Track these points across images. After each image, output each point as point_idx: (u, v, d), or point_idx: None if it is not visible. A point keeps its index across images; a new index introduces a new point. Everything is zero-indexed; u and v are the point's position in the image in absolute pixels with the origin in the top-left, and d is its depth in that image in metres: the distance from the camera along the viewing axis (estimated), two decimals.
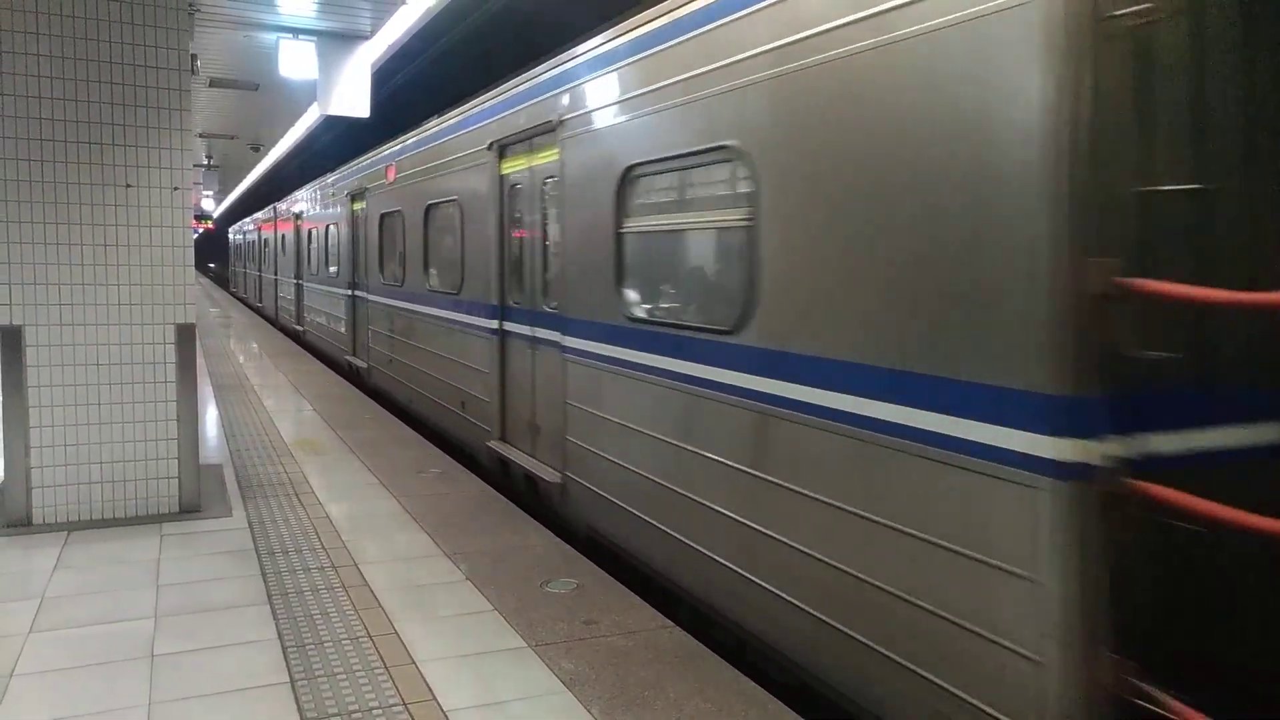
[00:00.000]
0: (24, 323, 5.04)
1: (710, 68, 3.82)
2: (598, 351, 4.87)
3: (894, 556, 2.82)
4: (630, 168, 4.52)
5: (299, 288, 17.06)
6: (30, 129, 5.01)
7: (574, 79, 5.18)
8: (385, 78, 13.90)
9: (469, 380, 7.17)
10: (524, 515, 5.55)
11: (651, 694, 3.28)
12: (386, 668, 3.45)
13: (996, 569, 2.42)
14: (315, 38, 7.63)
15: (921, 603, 2.70)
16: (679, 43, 4.10)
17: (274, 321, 20.80)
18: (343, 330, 12.56)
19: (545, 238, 5.83)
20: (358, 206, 11.56)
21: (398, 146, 9.60)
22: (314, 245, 15.28)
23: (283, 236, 19.30)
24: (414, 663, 3.49)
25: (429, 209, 8.21)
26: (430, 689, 3.28)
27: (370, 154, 11.11)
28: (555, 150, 5.43)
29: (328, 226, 13.73)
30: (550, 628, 3.84)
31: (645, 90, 4.39)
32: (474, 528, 5.25)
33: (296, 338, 16.88)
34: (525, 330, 6.12)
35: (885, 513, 2.87)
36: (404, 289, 9.18)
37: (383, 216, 10.02)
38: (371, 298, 10.75)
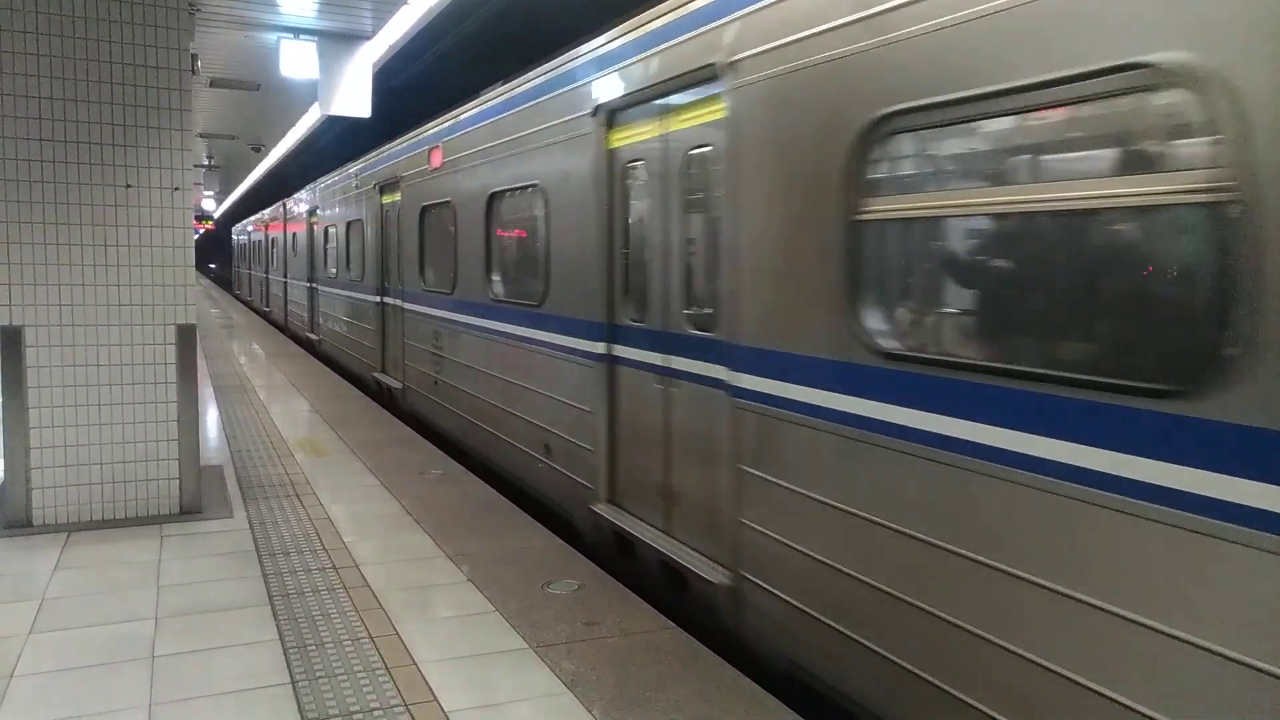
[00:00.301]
0: (24, 323, 5.03)
1: None
2: (809, 401, 3.27)
3: None
4: (888, 117, 2.88)
5: (312, 292, 15.54)
6: (30, 129, 5.00)
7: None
8: (387, 78, 13.88)
9: (557, 418, 5.52)
10: (526, 516, 5.54)
11: (653, 695, 3.27)
12: (388, 669, 3.44)
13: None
14: (316, 38, 7.63)
15: None
16: None
17: (283, 328, 19.46)
18: (368, 343, 10.93)
19: (687, 232, 4.30)
20: (389, 199, 10.06)
21: (446, 124, 7.89)
22: (332, 245, 13.59)
23: (293, 236, 17.93)
24: (415, 664, 3.48)
25: (493, 199, 6.62)
26: (431, 690, 3.27)
27: (405, 137, 9.43)
28: (715, 107, 3.89)
29: (349, 224, 12.04)
30: (552, 629, 3.83)
31: None
32: (475, 529, 5.24)
33: (309, 347, 15.57)
34: (650, 359, 4.56)
35: None
36: (456, 298, 7.52)
37: (425, 210, 8.43)
38: (409, 307, 9.10)
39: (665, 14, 4.29)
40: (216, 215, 43.55)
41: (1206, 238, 2.11)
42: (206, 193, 27.07)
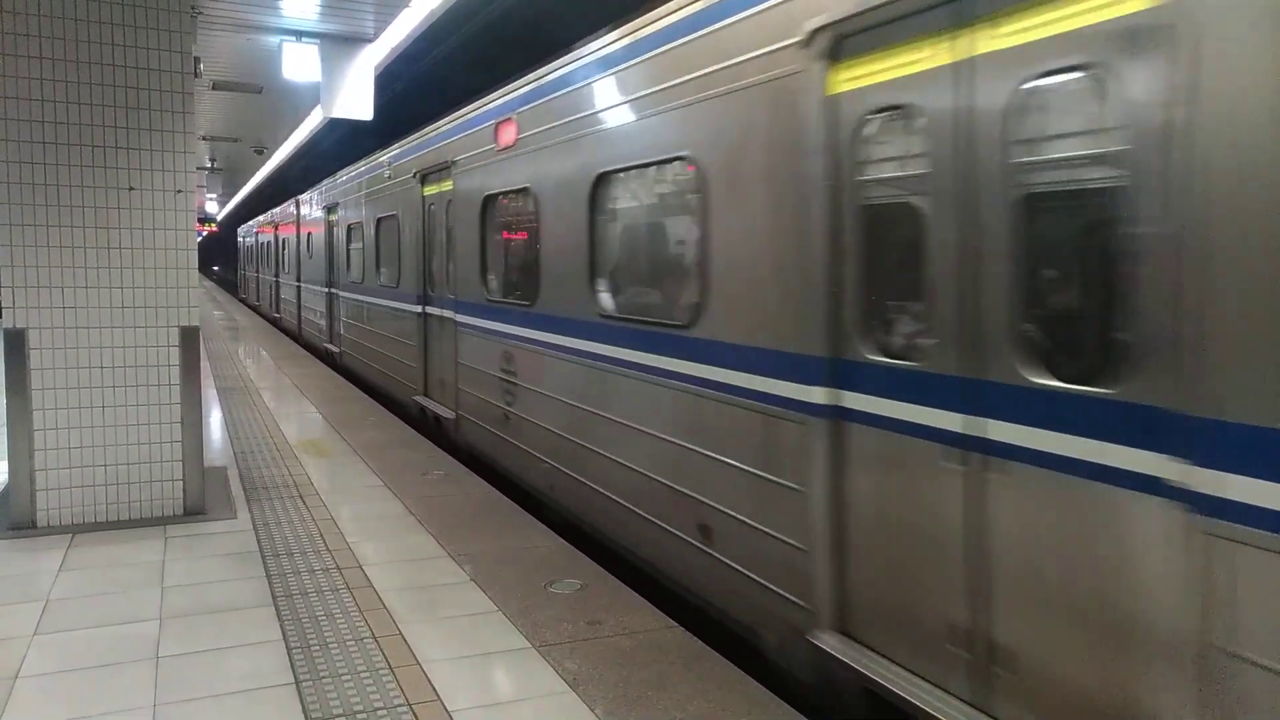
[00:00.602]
0: (28, 325, 5.05)
1: None
2: None
3: None
4: None
5: (331, 298, 13.86)
6: (33, 132, 5.02)
7: None
8: (389, 80, 13.92)
9: (723, 490, 3.88)
10: (528, 516, 5.54)
11: (654, 694, 3.27)
12: (391, 668, 3.44)
13: None
14: (318, 40, 7.65)
15: None
16: None
17: (295, 336, 17.79)
18: (407, 361, 9.26)
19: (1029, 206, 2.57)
20: (433, 190, 8.56)
21: (524, 89, 6.17)
22: (355, 245, 11.99)
23: (308, 237, 16.26)
24: (418, 663, 3.49)
25: (601, 182, 4.98)
26: (435, 689, 3.28)
27: (458, 114, 7.83)
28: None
29: (379, 220, 10.52)
30: (554, 628, 3.83)
31: None
32: (478, 529, 5.25)
33: (328, 359, 13.95)
34: (936, 420, 2.84)
35: None
36: (540, 311, 5.81)
37: (487, 200, 6.87)
38: (464, 320, 7.43)
39: None
40: (220, 217, 43.63)
41: None
42: (209, 195, 27.14)
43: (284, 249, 19.82)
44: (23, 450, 5.07)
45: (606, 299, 5.03)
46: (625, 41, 4.74)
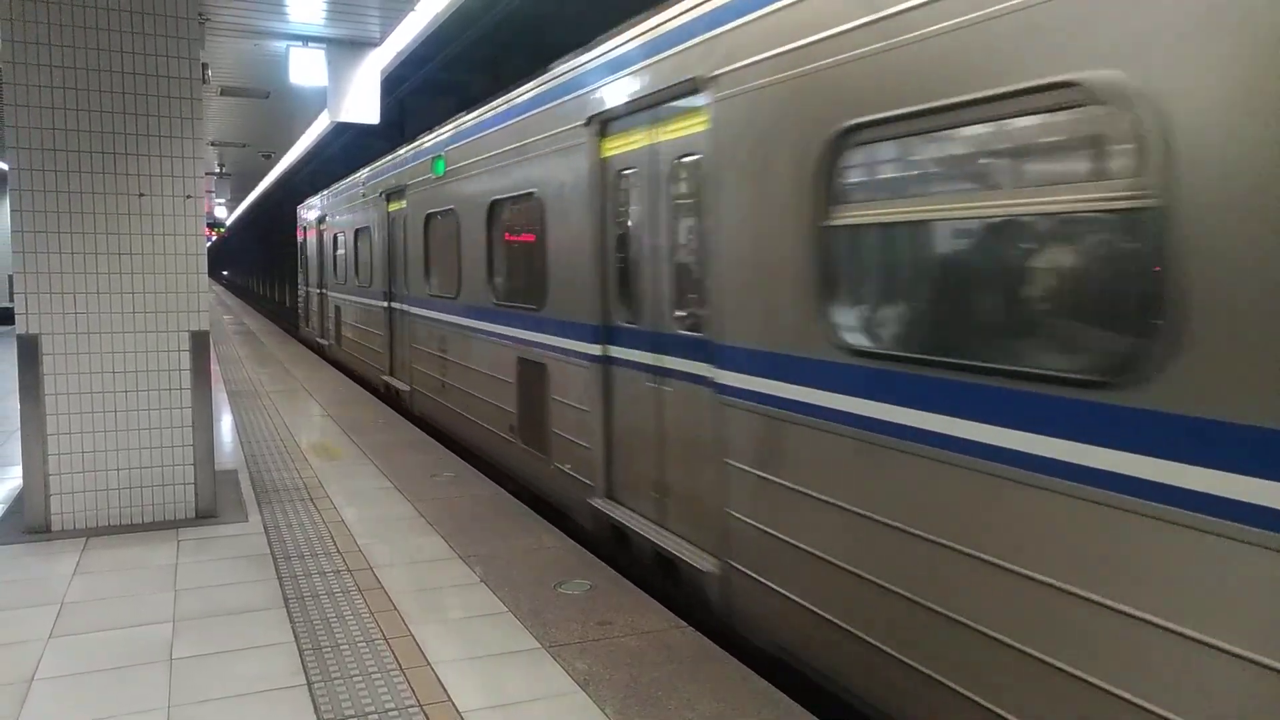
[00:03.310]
0: (40, 331, 5.10)
1: None
2: None
3: None
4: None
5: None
6: (44, 140, 5.07)
7: None
8: (394, 84, 13.97)
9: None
10: (537, 517, 5.56)
11: (665, 694, 3.28)
12: (402, 670, 3.46)
13: None
14: (325, 45, 7.69)
15: None
16: None
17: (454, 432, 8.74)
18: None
19: None
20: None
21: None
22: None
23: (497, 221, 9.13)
24: (429, 664, 3.51)
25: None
26: (446, 690, 3.30)
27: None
28: None
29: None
30: (564, 629, 3.85)
31: None
32: (488, 530, 5.27)
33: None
34: None
35: None
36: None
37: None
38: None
39: None
40: (229, 222, 43.81)
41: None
42: (218, 200, 27.30)
43: (444, 248, 12.13)
44: (37, 455, 5.12)
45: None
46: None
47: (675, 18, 4.22)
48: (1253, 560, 1.96)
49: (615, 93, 4.82)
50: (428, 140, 8.86)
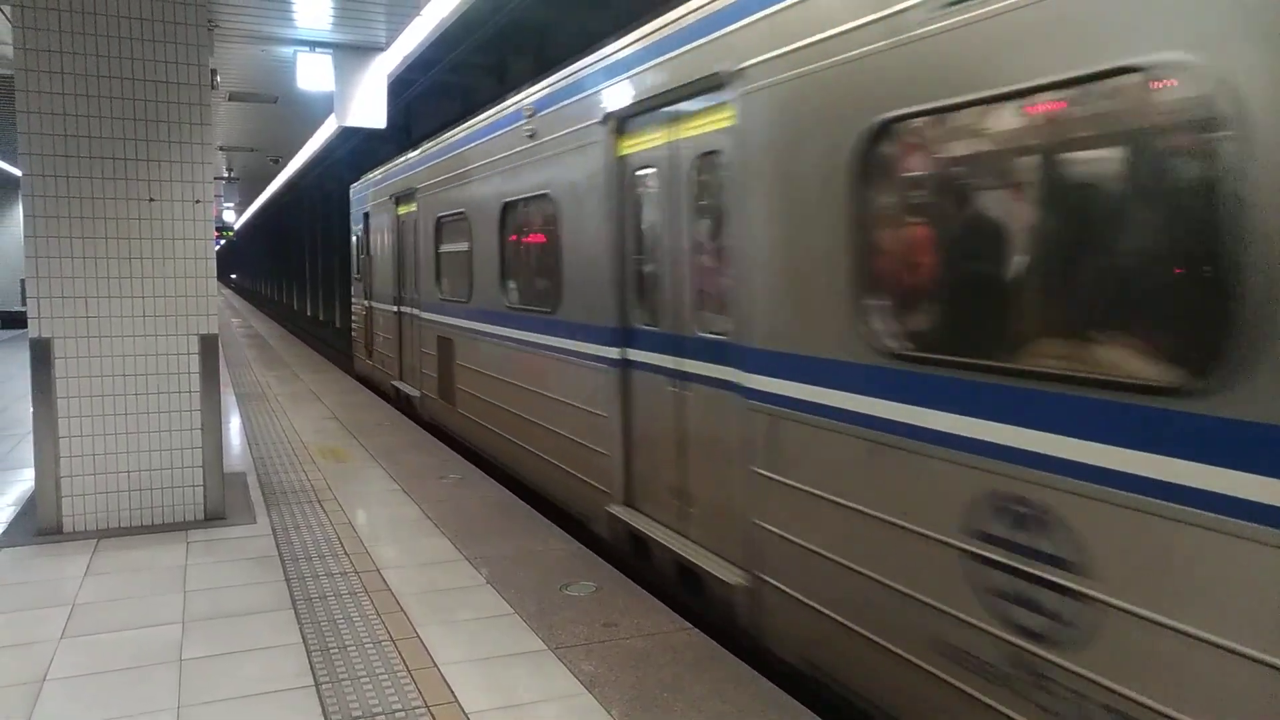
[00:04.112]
0: (53, 335, 5.15)
1: None
2: None
3: None
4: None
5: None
6: (57, 146, 5.13)
7: None
8: (401, 88, 14.03)
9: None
10: (543, 519, 5.58)
11: (670, 695, 3.30)
12: (409, 671, 3.49)
13: None
14: (332, 50, 7.75)
15: None
16: None
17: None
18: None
19: None
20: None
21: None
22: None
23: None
24: (436, 666, 3.54)
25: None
26: (452, 691, 3.32)
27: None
28: None
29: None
30: (570, 630, 3.87)
31: None
32: (494, 532, 5.29)
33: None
34: None
35: None
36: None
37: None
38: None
39: None
40: (238, 225, 44.04)
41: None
42: (227, 204, 27.47)
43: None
44: (49, 457, 5.17)
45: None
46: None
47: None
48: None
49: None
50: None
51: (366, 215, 12.37)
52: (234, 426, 8.66)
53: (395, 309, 10.63)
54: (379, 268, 11.65)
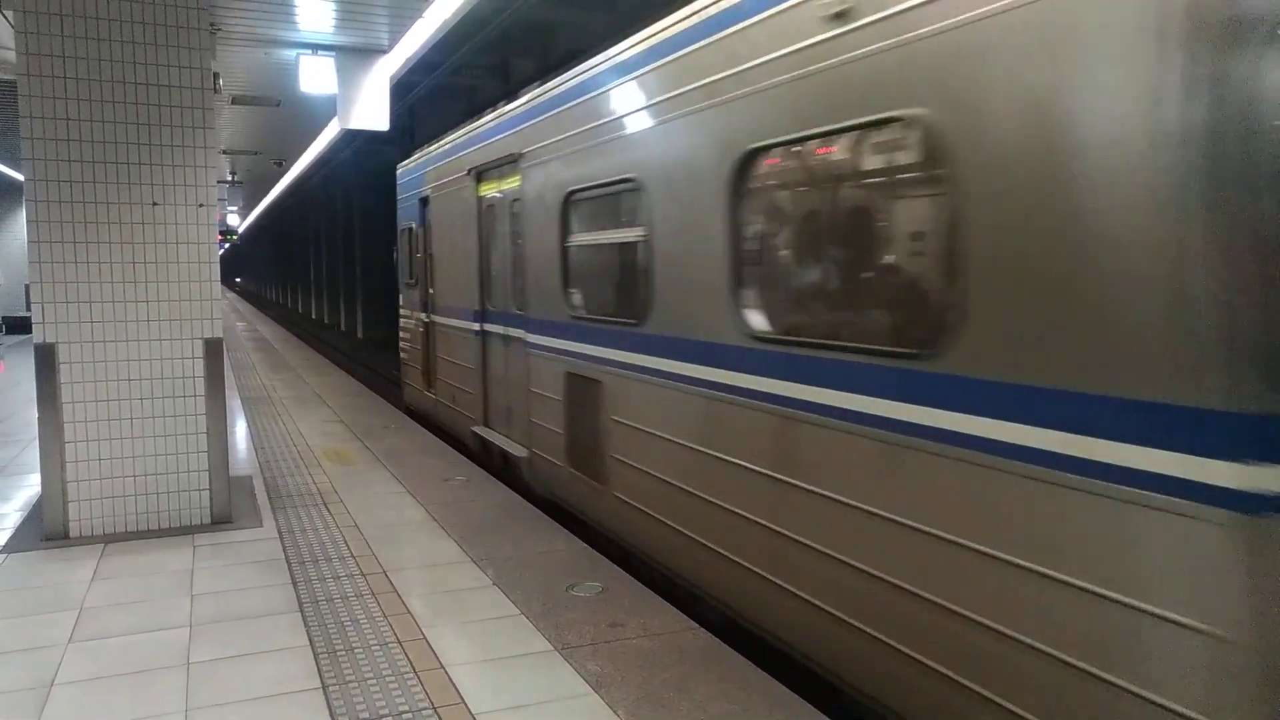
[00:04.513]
0: (57, 340, 5.16)
1: None
2: None
3: None
4: None
5: None
6: (60, 150, 5.13)
7: None
8: (404, 90, 14.05)
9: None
10: (550, 521, 5.58)
11: (676, 695, 3.29)
12: (416, 672, 3.49)
13: None
14: (334, 53, 7.76)
15: None
16: None
17: None
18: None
19: None
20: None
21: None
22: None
23: None
24: (443, 667, 3.53)
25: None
26: (459, 692, 3.32)
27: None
28: None
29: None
30: (576, 630, 3.86)
31: None
32: (500, 534, 5.29)
33: None
34: None
35: None
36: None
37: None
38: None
39: None
40: (241, 229, 44.09)
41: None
42: (231, 208, 27.54)
43: None
44: (55, 462, 5.18)
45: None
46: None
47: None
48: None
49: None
50: None
51: (424, 201, 9.30)
52: (239, 430, 8.68)
53: (476, 328, 7.62)
54: (446, 270, 8.68)
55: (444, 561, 4.80)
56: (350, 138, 14.56)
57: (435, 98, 16.20)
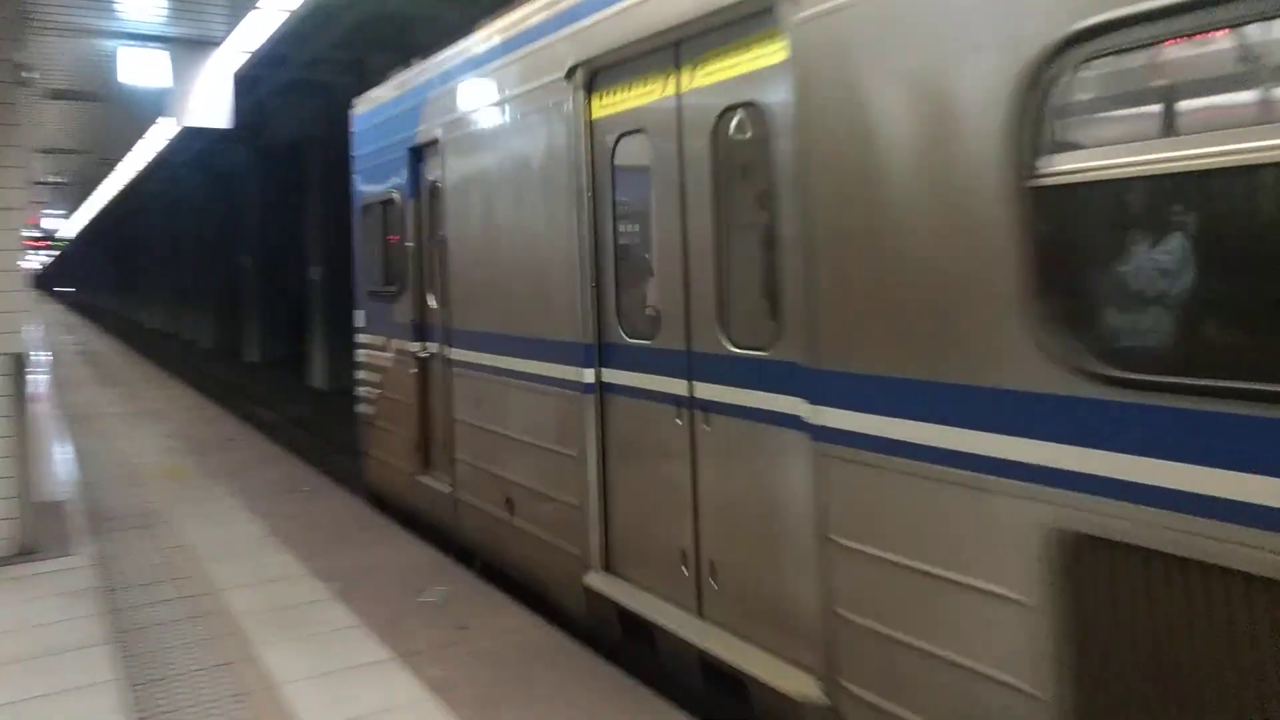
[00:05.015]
0: None
1: None
2: None
3: None
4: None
5: None
6: None
7: None
8: (250, 85, 13.31)
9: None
10: (399, 528, 5.45)
11: (521, 693, 3.29)
12: (244, 694, 3.32)
13: None
14: (168, 45, 7.30)
15: None
16: None
17: None
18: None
19: None
20: None
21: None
22: None
23: None
24: (273, 686, 3.38)
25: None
26: (290, 711, 3.19)
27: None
28: None
29: None
30: (421, 636, 3.80)
31: None
32: (346, 543, 5.12)
33: None
34: None
35: None
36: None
37: None
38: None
39: None
40: (74, 234, 40.49)
41: None
42: (54, 211, 25.21)
43: None
44: None
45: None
46: None
47: None
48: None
49: None
50: None
51: (418, 153, 5.54)
52: (59, 453, 7.96)
53: (585, 381, 3.93)
54: (484, 268, 4.83)
55: (282, 576, 4.60)
56: (192, 135, 13.64)
57: (290, 92, 15.45)
